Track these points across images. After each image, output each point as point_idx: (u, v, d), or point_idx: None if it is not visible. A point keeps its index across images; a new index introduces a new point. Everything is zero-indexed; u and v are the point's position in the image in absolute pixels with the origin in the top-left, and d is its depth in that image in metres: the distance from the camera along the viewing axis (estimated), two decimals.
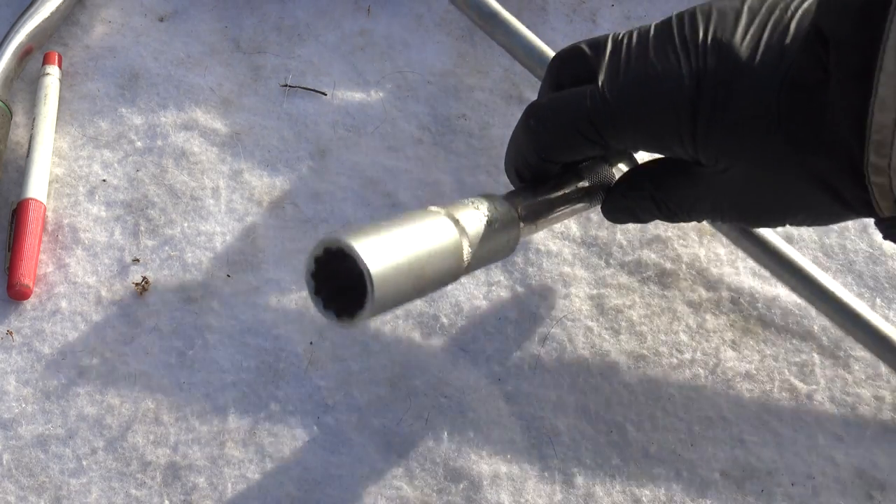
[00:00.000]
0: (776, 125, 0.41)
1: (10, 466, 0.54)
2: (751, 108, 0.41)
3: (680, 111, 0.42)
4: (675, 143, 0.44)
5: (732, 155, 0.43)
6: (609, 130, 0.45)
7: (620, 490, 0.55)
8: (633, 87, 0.44)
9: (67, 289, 0.60)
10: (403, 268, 0.38)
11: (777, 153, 0.41)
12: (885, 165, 0.37)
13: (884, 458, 0.56)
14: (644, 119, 0.44)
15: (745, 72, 0.41)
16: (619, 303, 0.61)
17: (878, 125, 0.36)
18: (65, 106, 0.68)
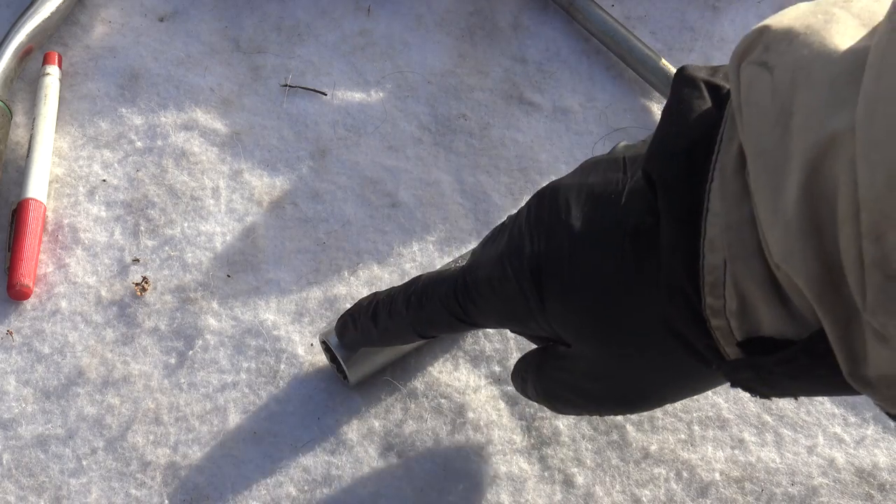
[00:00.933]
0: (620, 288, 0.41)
1: (10, 466, 0.54)
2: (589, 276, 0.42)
3: (525, 287, 0.44)
4: (528, 318, 0.45)
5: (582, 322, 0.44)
6: (471, 309, 0.47)
7: (620, 490, 0.55)
8: (488, 268, 0.46)
9: (67, 289, 0.60)
10: (377, 358, 0.55)
11: (624, 310, 0.42)
12: (721, 307, 0.36)
13: (884, 458, 0.56)
14: (498, 296, 0.46)
15: (580, 244, 0.42)
16: None
17: (710, 266, 0.35)
18: (65, 106, 0.68)
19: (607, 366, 0.45)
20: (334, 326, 0.55)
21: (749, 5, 0.75)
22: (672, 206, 0.37)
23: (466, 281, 0.47)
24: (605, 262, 0.41)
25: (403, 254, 0.63)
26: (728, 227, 0.35)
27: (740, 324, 0.36)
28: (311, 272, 0.62)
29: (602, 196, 0.42)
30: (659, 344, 0.41)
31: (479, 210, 0.65)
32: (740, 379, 0.38)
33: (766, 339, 0.36)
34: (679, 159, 0.37)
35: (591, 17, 0.72)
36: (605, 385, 0.46)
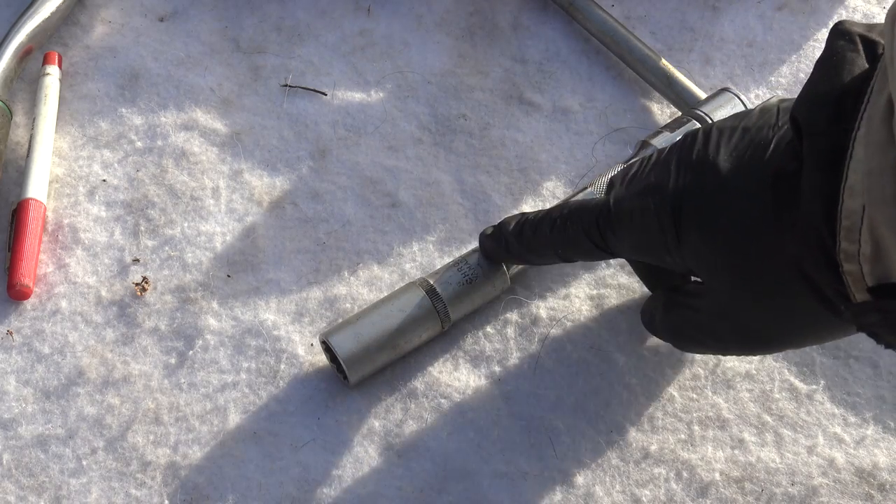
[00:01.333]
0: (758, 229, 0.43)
1: (10, 466, 0.54)
2: (729, 216, 0.43)
3: (664, 222, 0.46)
4: (664, 252, 0.47)
5: (714, 268, 0.46)
6: (610, 237, 0.49)
7: (620, 490, 0.55)
8: (630, 200, 0.48)
9: (67, 289, 0.60)
10: (375, 345, 0.55)
11: (760, 250, 0.43)
12: (855, 252, 0.37)
13: (884, 458, 0.56)
14: (637, 228, 0.48)
15: (724, 185, 0.44)
16: (619, 303, 0.61)
17: (848, 211, 0.37)
18: (65, 106, 0.68)
19: (736, 305, 0.46)
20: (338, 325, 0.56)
21: (749, 5, 0.75)
22: (816, 150, 0.38)
23: (610, 210, 0.49)
24: (746, 202, 0.43)
25: (403, 254, 0.63)
26: (869, 173, 0.36)
27: (872, 268, 0.37)
28: (311, 272, 0.62)
29: (751, 140, 0.44)
30: (789, 287, 0.42)
31: (479, 210, 0.65)
32: (868, 323, 0.39)
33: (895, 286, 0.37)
34: (827, 106, 0.38)
35: (591, 17, 0.72)
36: (732, 325, 0.47)
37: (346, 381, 0.56)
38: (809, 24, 0.75)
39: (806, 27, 0.75)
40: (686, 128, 0.64)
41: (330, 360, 0.57)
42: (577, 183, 0.66)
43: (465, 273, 0.57)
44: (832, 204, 0.37)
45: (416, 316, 0.56)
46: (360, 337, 0.55)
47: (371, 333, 0.55)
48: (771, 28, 0.74)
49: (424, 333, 0.57)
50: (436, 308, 0.56)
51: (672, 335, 0.53)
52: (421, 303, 0.56)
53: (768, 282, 0.43)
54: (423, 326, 0.56)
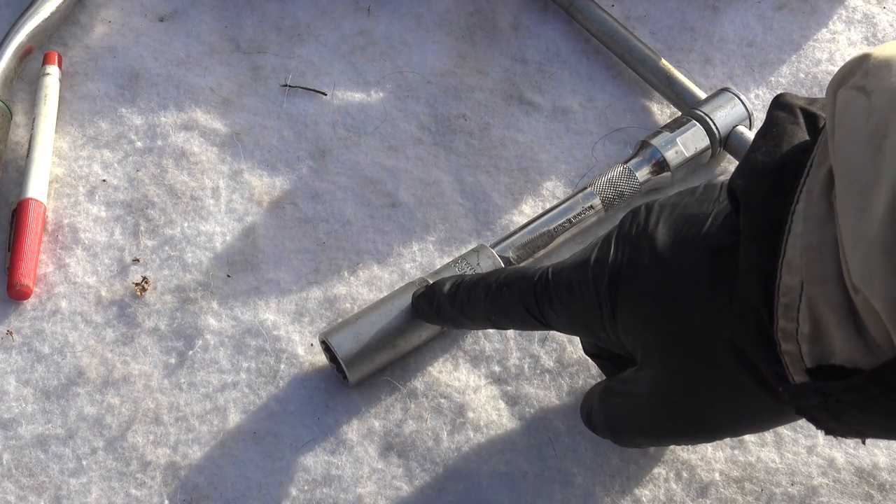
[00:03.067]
0: (694, 305, 0.41)
1: (10, 466, 0.54)
2: (664, 292, 0.43)
3: (600, 295, 0.45)
4: (599, 327, 0.46)
5: (650, 338, 0.44)
6: (547, 308, 0.48)
7: (620, 490, 0.55)
8: (569, 271, 0.47)
9: (67, 289, 0.60)
10: (374, 344, 0.55)
11: (695, 328, 0.42)
12: (794, 331, 0.35)
13: (884, 458, 0.56)
14: (574, 300, 0.47)
15: (660, 259, 0.43)
16: None
17: (786, 288, 0.35)
18: (65, 106, 0.68)
19: (671, 388, 0.45)
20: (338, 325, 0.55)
21: (749, 5, 0.75)
22: (754, 224, 0.37)
23: (548, 280, 0.48)
24: (681, 277, 0.42)
25: (403, 254, 0.63)
26: (808, 248, 0.34)
27: (811, 349, 0.35)
28: (311, 272, 0.62)
29: (690, 215, 0.43)
30: (724, 367, 0.41)
31: (479, 210, 0.65)
32: (806, 406, 0.37)
33: (837, 367, 0.35)
34: (766, 177, 0.37)
35: (591, 16, 0.72)
36: (668, 412, 0.46)
37: (345, 381, 0.56)
38: (809, 24, 0.75)
39: (806, 27, 0.75)
40: (686, 127, 0.64)
41: (329, 360, 0.57)
42: (577, 183, 0.66)
43: (463, 272, 0.57)
44: (769, 280, 0.36)
45: (414, 316, 0.56)
46: (359, 337, 0.55)
47: (371, 333, 0.55)
48: (771, 28, 0.74)
49: (424, 333, 0.57)
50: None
51: (608, 427, 0.51)
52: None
53: (703, 362, 0.42)
54: (422, 326, 0.56)
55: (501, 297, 0.50)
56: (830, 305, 0.34)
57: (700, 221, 0.42)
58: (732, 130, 0.64)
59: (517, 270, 0.51)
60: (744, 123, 0.65)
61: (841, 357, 0.35)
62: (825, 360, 0.35)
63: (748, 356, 0.38)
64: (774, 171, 0.37)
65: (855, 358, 0.34)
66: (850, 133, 0.34)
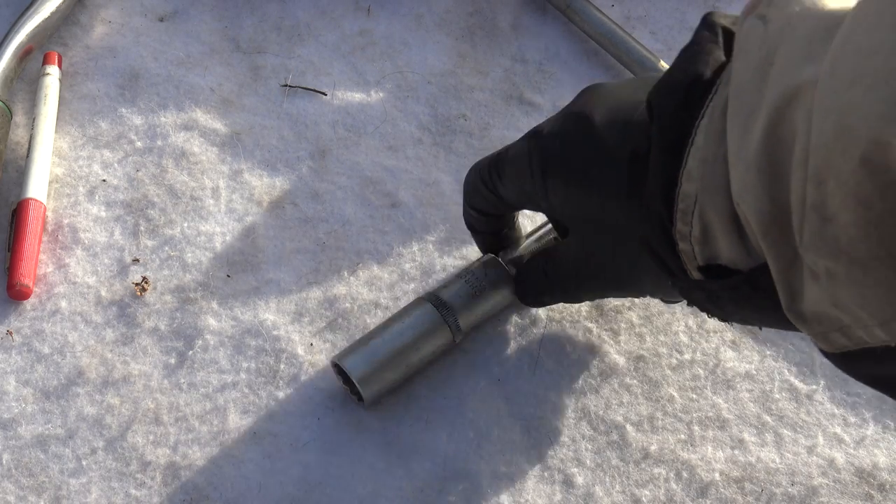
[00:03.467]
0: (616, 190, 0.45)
1: (10, 466, 0.54)
2: (590, 174, 0.46)
3: (534, 167, 0.48)
4: (538, 198, 0.49)
5: (577, 213, 0.48)
6: (497, 182, 0.52)
7: (620, 490, 0.55)
8: (516, 144, 0.51)
9: (67, 289, 0.60)
10: (387, 363, 0.55)
11: (614, 217, 0.46)
12: (688, 233, 0.39)
13: (884, 458, 0.56)
14: (515, 171, 0.50)
15: (591, 140, 0.46)
16: (619, 303, 0.61)
17: (684, 194, 0.39)
18: (65, 106, 0.68)
19: (587, 258, 0.50)
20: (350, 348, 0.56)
21: None
22: (663, 134, 0.40)
23: (500, 153, 0.52)
24: (605, 170, 0.45)
25: (403, 254, 0.63)
26: (704, 161, 0.38)
27: (702, 250, 0.40)
28: (311, 272, 0.62)
29: (624, 108, 0.46)
30: (637, 255, 0.45)
31: None
32: (693, 298, 0.42)
33: (723, 267, 0.40)
34: (678, 93, 0.40)
35: (589, 18, 0.72)
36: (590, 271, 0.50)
37: (360, 402, 0.56)
38: None
39: None
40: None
41: (343, 383, 0.57)
42: None
43: (472, 284, 0.57)
44: (671, 187, 0.40)
45: (427, 331, 0.55)
46: (373, 357, 0.54)
47: (384, 353, 0.55)
48: None
49: (437, 348, 0.56)
50: (447, 322, 0.56)
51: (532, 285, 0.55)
52: (432, 318, 0.56)
53: (622, 245, 0.46)
54: (435, 341, 0.56)
55: (467, 177, 0.54)
56: (718, 213, 0.38)
57: (628, 120, 0.45)
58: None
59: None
60: None
61: (726, 258, 0.39)
62: (713, 260, 0.40)
63: (655, 250, 0.43)
64: (686, 88, 0.40)
65: (736, 260, 0.38)
66: (745, 59, 0.37)
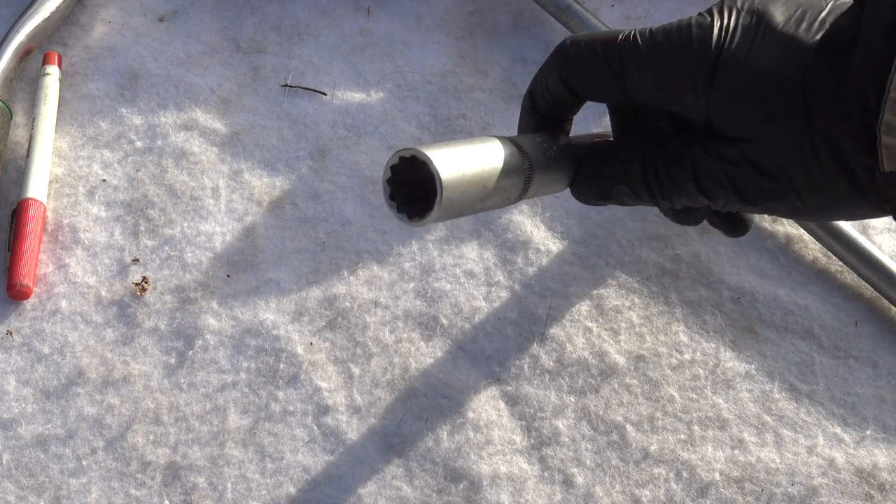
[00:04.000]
0: (799, 86, 0.41)
1: (10, 466, 0.54)
2: (772, 70, 0.42)
3: (700, 60, 0.43)
4: (689, 90, 0.44)
5: (744, 113, 0.43)
6: (631, 69, 0.45)
7: (620, 490, 0.55)
8: (663, 34, 0.45)
9: (67, 289, 0.60)
10: (470, 177, 0.43)
11: (792, 113, 0.41)
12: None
13: (884, 458, 0.56)
14: (668, 56, 0.44)
15: (774, 33, 0.42)
16: (619, 303, 0.61)
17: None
18: (65, 106, 0.68)
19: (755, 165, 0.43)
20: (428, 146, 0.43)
21: None
22: (876, 18, 0.38)
23: (637, 39, 0.46)
24: (789, 60, 0.41)
25: (403, 253, 0.63)
26: None
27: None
28: (311, 272, 0.62)
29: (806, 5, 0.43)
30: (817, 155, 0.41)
31: None
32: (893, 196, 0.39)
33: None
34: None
35: (587, 25, 0.71)
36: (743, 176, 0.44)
37: (414, 220, 0.43)
38: None
39: None
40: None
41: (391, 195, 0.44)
42: None
43: (546, 147, 0.48)
44: (883, 74, 0.37)
45: (509, 167, 0.45)
46: (457, 163, 0.43)
47: (469, 164, 0.43)
48: None
49: (507, 192, 0.46)
50: (523, 167, 0.46)
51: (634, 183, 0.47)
52: (515, 159, 0.46)
53: (797, 144, 0.42)
54: (510, 182, 0.46)
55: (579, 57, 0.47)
56: None
57: (817, 9, 0.42)
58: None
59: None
60: None
61: None
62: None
63: (843, 149, 0.39)
64: None
65: None
66: None
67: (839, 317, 0.61)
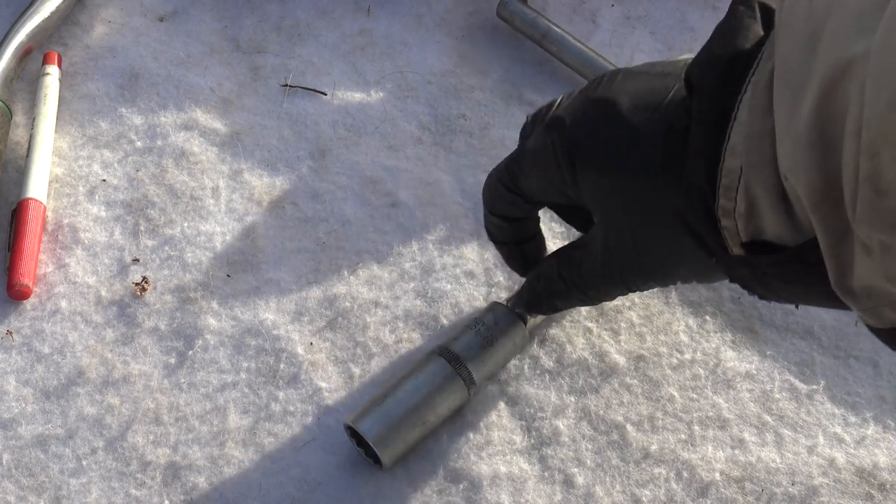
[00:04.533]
0: (645, 171, 0.44)
1: (10, 466, 0.54)
2: (621, 158, 0.45)
3: (560, 158, 0.48)
4: (564, 188, 0.49)
5: (608, 199, 0.47)
6: (520, 178, 0.51)
7: (620, 490, 0.55)
8: (535, 138, 0.50)
9: (67, 289, 0.60)
10: (405, 425, 0.53)
11: (648, 197, 0.45)
12: (732, 209, 0.39)
13: (884, 458, 0.56)
14: (539, 165, 0.49)
15: (620, 124, 0.45)
16: (619, 303, 0.61)
17: (728, 170, 0.39)
18: (65, 106, 0.68)
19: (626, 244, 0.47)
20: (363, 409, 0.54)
21: None
22: (704, 110, 0.40)
23: (517, 153, 0.51)
24: (639, 147, 0.44)
25: (403, 253, 0.63)
26: (749, 136, 0.38)
27: (746, 225, 0.39)
28: (311, 272, 0.62)
29: (653, 88, 0.45)
30: (672, 235, 0.44)
31: (479, 210, 0.65)
32: (738, 275, 0.42)
33: (768, 243, 0.39)
34: (718, 68, 0.40)
35: (567, 49, 0.71)
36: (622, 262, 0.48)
37: (377, 465, 0.53)
38: None
39: None
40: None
41: (357, 445, 0.54)
42: None
43: (482, 335, 0.55)
44: (714, 162, 0.39)
45: (441, 386, 0.54)
46: (388, 418, 0.52)
47: (399, 412, 0.53)
48: None
49: (453, 403, 0.55)
50: (460, 375, 0.54)
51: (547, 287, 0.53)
52: (445, 372, 0.54)
53: (655, 226, 0.45)
54: (450, 397, 0.54)
55: (488, 180, 0.53)
56: (765, 188, 0.38)
57: (661, 96, 0.45)
58: None
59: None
60: None
61: (771, 234, 0.39)
62: (758, 236, 0.39)
63: (694, 227, 0.42)
64: (727, 63, 0.40)
65: (783, 236, 0.38)
66: (790, 34, 0.36)
67: (839, 317, 0.61)
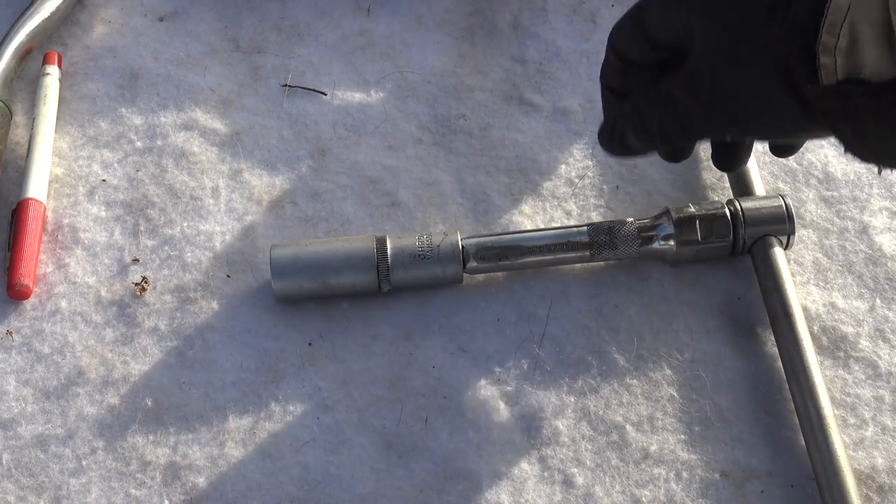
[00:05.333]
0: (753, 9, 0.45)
1: (10, 466, 0.54)
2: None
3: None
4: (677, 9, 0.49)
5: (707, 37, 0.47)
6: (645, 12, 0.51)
7: (620, 490, 0.55)
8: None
9: (67, 289, 0.60)
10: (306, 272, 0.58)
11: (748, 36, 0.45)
12: (833, 45, 0.40)
13: (882, 459, 0.56)
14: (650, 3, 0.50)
15: None
16: (619, 303, 0.61)
17: (836, 6, 0.40)
18: (65, 106, 0.68)
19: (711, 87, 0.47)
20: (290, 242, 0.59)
21: None
22: None
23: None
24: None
25: None
26: None
27: (846, 61, 0.40)
28: None
29: None
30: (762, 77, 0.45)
31: (479, 210, 0.65)
32: (829, 109, 0.42)
33: (865, 82, 0.40)
34: None
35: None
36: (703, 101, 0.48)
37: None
38: None
39: None
40: (713, 214, 0.61)
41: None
42: (576, 183, 0.66)
43: (422, 248, 0.58)
44: (822, 1, 0.41)
45: (355, 264, 0.58)
46: (297, 258, 0.58)
47: (309, 259, 0.58)
48: None
49: (358, 284, 0.58)
50: (378, 268, 0.58)
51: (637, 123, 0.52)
52: (366, 255, 0.58)
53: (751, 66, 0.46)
54: (357, 277, 0.58)
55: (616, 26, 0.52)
56: (870, 23, 0.39)
57: None
58: (762, 239, 0.60)
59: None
60: (780, 233, 0.60)
61: (870, 70, 0.40)
62: (855, 74, 0.41)
63: (791, 71, 0.43)
64: None
65: (881, 72, 0.40)
66: None
67: (839, 317, 0.61)
